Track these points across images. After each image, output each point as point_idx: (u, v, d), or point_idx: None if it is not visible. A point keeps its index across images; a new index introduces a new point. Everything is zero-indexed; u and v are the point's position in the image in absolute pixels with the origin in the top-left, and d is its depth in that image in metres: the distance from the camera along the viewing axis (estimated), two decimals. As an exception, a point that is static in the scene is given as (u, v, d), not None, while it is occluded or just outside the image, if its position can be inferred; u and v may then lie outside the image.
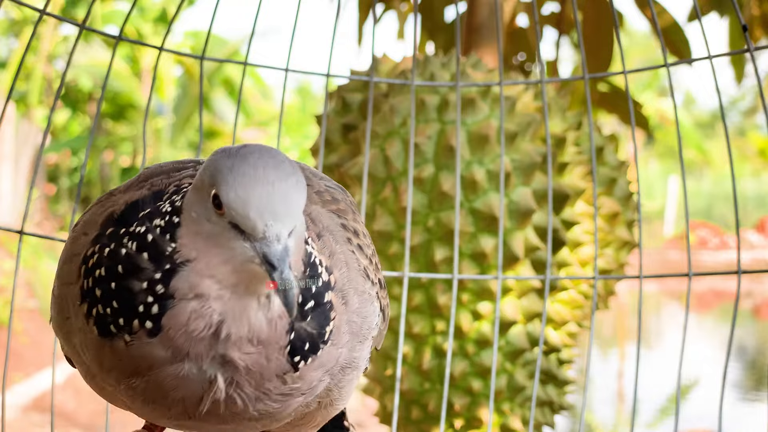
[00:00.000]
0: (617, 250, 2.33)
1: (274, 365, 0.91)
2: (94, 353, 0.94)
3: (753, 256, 13.29)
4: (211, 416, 0.94)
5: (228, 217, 0.86)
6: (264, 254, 0.84)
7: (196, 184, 0.91)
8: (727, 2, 3.21)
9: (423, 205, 2.11)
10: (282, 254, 0.84)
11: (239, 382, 0.90)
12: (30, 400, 5.26)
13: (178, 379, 0.90)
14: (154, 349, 0.88)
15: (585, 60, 1.88)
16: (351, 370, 1.02)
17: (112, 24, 13.63)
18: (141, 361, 0.90)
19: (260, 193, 0.84)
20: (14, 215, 10.92)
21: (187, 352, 0.88)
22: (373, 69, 1.90)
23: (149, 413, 0.97)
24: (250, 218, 0.84)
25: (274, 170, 0.86)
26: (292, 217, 0.86)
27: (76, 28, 1.69)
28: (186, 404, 0.92)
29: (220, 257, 0.87)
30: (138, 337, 0.89)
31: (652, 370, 5.38)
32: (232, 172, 0.86)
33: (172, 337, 0.88)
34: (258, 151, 0.88)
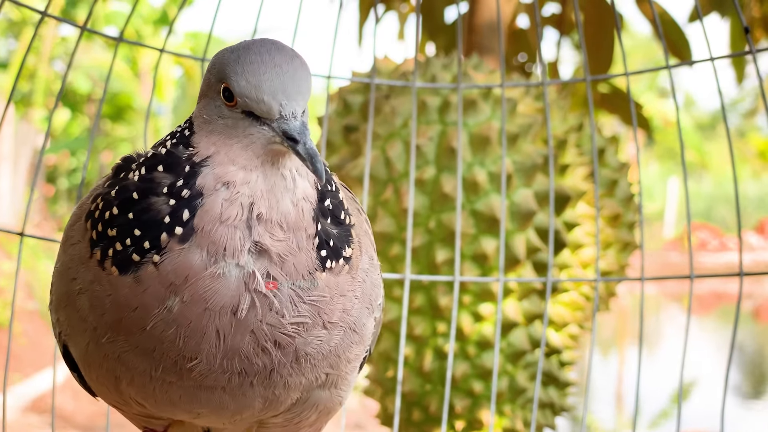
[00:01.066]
0: (618, 252, 2.33)
1: (304, 257, 0.91)
2: (113, 299, 0.92)
3: (753, 257, 13.29)
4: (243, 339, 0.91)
5: (241, 106, 0.89)
6: (284, 131, 0.88)
7: (202, 90, 0.95)
8: (728, 3, 3.21)
9: (424, 206, 2.11)
10: (301, 128, 0.88)
11: (275, 277, 0.90)
12: (29, 402, 5.25)
13: (216, 282, 0.88)
14: (189, 255, 0.88)
15: (587, 63, 1.88)
16: (357, 341, 1.02)
17: (111, 25, 13.63)
18: (176, 276, 0.88)
19: (270, 76, 0.88)
20: (13, 216, 10.91)
21: (224, 247, 0.88)
22: (374, 70, 1.90)
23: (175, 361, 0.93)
24: (265, 101, 0.88)
25: (279, 54, 0.89)
26: (303, 96, 0.90)
27: (75, 29, 1.68)
28: (222, 319, 0.89)
29: (239, 146, 0.90)
30: (169, 249, 0.88)
31: (652, 372, 5.38)
32: (239, 62, 0.89)
33: (207, 233, 0.88)
34: (259, 41, 0.91)
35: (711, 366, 6.37)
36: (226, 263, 0.88)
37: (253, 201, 0.89)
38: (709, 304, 10.12)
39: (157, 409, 1.01)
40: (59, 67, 14.76)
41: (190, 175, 0.90)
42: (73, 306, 0.97)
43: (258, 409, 1.00)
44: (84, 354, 1.00)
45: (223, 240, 0.88)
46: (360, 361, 1.06)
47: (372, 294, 1.04)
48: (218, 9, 1.79)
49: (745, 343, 7.25)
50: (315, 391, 1.02)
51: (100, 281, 0.92)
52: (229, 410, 0.99)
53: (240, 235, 0.88)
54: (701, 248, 14.60)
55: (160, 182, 0.90)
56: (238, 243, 0.88)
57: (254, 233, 0.89)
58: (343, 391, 1.07)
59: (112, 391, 1.01)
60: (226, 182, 0.89)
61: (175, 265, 0.88)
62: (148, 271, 0.89)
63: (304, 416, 1.05)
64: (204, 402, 0.97)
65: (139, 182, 0.91)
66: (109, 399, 1.05)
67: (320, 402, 1.04)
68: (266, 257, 0.89)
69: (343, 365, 1.02)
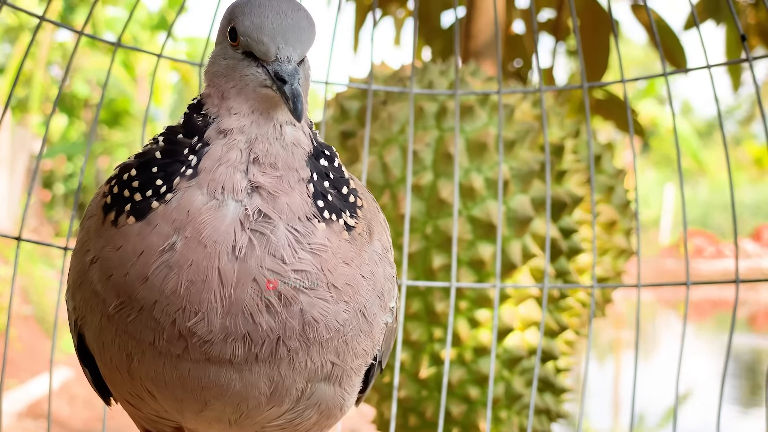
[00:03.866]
0: (615, 258, 2.34)
1: (298, 198, 0.95)
2: (121, 253, 0.94)
3: (749, 264, 13.30)
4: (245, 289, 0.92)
5: (242, 45, 0.95)
6: (275, 72, 0.93)
7: (218, 39, 1.00)
8: (724, 10, 3.22)
9: (421, 212, 2.11)
10: (292, 72, 0.93)
11: (268, 215, 0.93)
12: (24, 407, 5.24)
13: (214, 216, 0.92)
14: (192, 192, 0.93)
15: (584, 69, 1.89)
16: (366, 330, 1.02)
17: (109, 31, 13.63)
18: (179, 212, 0.92)
19: (273, 19, 0.93)
20: (9, 221, 10.89)
21: (222, 185, 0.93)
22: (371, 76, 1.90)
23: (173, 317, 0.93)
24: (264, 42, 0.93)
25: (287, 2, 0.95)
26: (302, 45, 0.95)
27: (72, 34, 1.69)
28: (222, 260, 0.92)
29: (234, 90, 0.96)
30: (177, 189, 0.93)
31: (648, 378, 5.38)
32: (249, 4, 0.95)
33: (209, 172, 0.94)
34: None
35: (707, 373, 6.37)
36: (223, 199, 0.93)
37: (250, 146, 0.95)
38: (705, 310, 10.13)
39: (167, 395, 1.00)
40: (56, 72, 14.75)
41: (202, 132, 0.97)
42: (87, 280, 1.00)
43: (264, 395, 0.99)
44: (98, 333, 1.01)
45: (222, 178, 0.93)
46: (367, 359, 1.06)
47: (384, 286, 1.05)
48: (215, 14, 1.79)
49: (740, 350, 7.26)
50: (320, 384, 1.02)
51: (112, 240, 0.96)
52: (236, 393, 0.98)
53: (239, 176, 0.94)
54: (697, 255, 14.61)
55: (181, 142, 0.97)
56: (237, 182, 0.93)
57: (250, 173, 0.94)
58: (347, 393, 1.07)
59: (125, 375, 1.01)
60: (223, 130, 0.95)
61: (180, 201, 0.93)
62: (159, 210, 0.93)
63: (306, 416, 1.05)
64: (212, 379, 0.97)
65: (163, 145, 0.97)
66: (122, 391, 1.05)
67: (323, 400, 1.04)
68: (259, 194, 0.94)
69: (350, 357, 1.02)
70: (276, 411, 1.03)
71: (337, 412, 1.08)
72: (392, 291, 1.07)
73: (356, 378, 1.07)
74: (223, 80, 0.97)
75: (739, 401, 5.55)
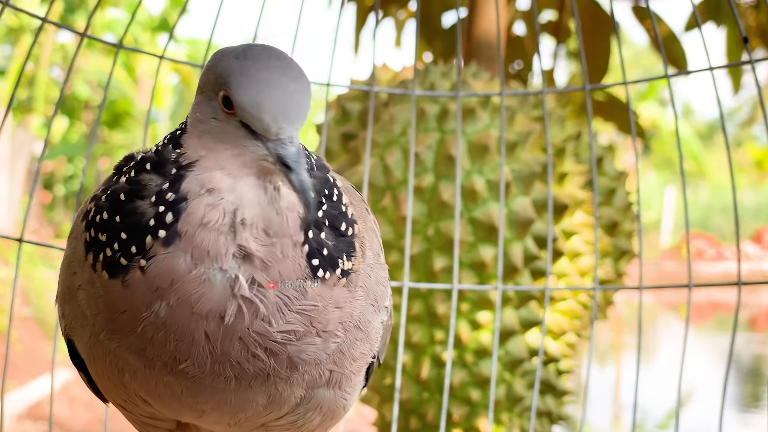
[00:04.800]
0: (616, 261, 2.33)
1: (291, 264, 0.91)
2: (104, 301, 0.92)
3: (750, 267, 13.29)
4: (232, 346, 0.90)
5: (239, 117, 0.88)
6: (279, 156, 0.87)
7: (200, 87, 0.93)
8: (724, 12, 3.22)
9: (423, 214, 2.11)
10: (297, 156, 0.87)
11: (260, 283, 0.89)
12: (24, 409, 5.23)
13: (201, 286, 0.88)
14: (174, 259, 0.88)
15: (587, 71, 1.88)
16: (361, 338, 1.01)
17: (109, 32, 13.63)
18: (161, 281, 0.88)
19: (274, 96, 0.87)
20: (10, 223, 10.89)
21: (207, 251, 0.88)
22: (373, 78, 1.90)
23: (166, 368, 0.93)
24: (264, 121, 0.87)
25: (285, 71, 0.88)
26: (302, 119, 0.89)
27: (73, 36, 1.68)
28: (210, 323, 0.89)
29: (230, 152, 0.89)
30: (154, 252, 0.88)
31: (649, 381, 5.37)
32: (244, 74, 0.88)
33: (191, 236, 0.88)
34: (265, 51, 0.90)
35: (707, 375, 6.37)
36: (210, 267, 0.88)
37: (236, 207, 0.89)
38: (706, 313, 10.12)
39: (162, 405, 1.00)
40: (57, 73, 14.75)
41: (176, 178, 0.90)
42: (75, 300, 0.98)
43: (262, 404, 0.99)
44: (88, 348, 1.00)
45: (206, 244, 0.88)
46: (366, 360, 1.05)
47: (377, 291, 1.03)
48: (218, 17, 1.79)
49: (741, 352, 7.25)
50: (319, 389, 1.01)
51: (93, 283, 0.93)
52: (232, 405, 0.98)
53: (223, 239, 0.88)
54: (698, 257, 14.60)
55: (147, 184, 0.90)
56: (222, 247, 0.88)
57: (238, 237, 0.88)
58: (348, 394, 1.06)
59: (118, 385, 1.01)
60: (210, 188, 0.89)
61: (160, 269, 0.88)
62: (136, 275, 0.89)
63: (308, 418, 1.04)
64: (207, 396, 0.97)
65: (126, 184, 0.92)
66: (115, 397, 1.05)
67: (324, 403, 1.04)
68: (250, 262, 0.89)
69: (348, 363, 1.01)
70: (276, 414, 1.02)
71: (340, 412, 1.08)
72: (385, 292, 1.07)
73: (356, 378, 1.07)
74: (213, 140, 0.90)
75: (740, 404, 5.55)
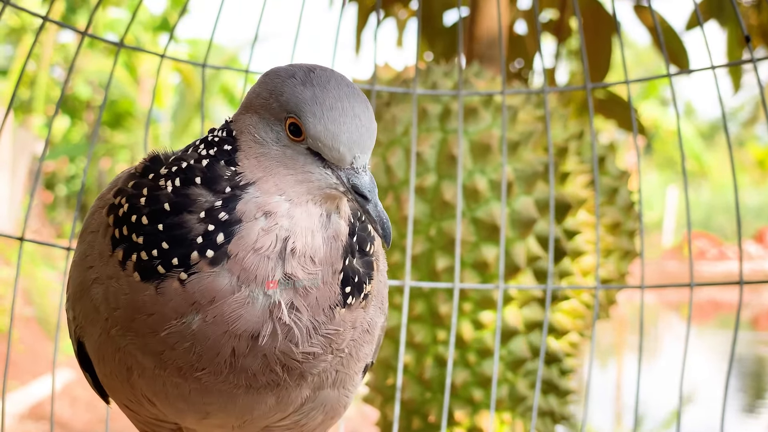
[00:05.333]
0: (618, 260, 2.33)
1: (328, 291, 0.91)
2: (129, 300, 0.91)
3: (752, 266, 13.29)
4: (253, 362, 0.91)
5: (310, 145, 0.88)
6: (354, 185, 0.88)
7: (252, 106, 0.92)
8: (727, 11, 3.22)
9: (425, 214, 2.11)
10: (371, 185, 0.88)
11: (298, 308, 0.90)
12: (26, 409, 5.23)
13: (242, 308, 0.88)
14: (218, 278, 0.87)
15: (588, 70, 1.88)
16: (368, 340, 1.03)
17: (111, 32, 13.64)
18: (201, 297, 0.88)
19: (349, 126, 0.87)
20: (12, 223, 10.89)
21: (255, 275, 0.88)
22: (375, 77, 1.90)
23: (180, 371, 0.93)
24: (340, 151, 0.87)
25: (358, 102, 0.89)
26: (372, 148, 0.90)
27: (74, 35, 1.68)
28: (241, 342, 0.89)
29: (293, 178, 0.89)
30: (198, 269, 0.87)
31: (651, 381, 5.37)
32: (316, 103, 0.87)
33: (240, 260, 0.88)
34: (332, 78, 0.89)
35: (709, 374, 6.36)
36: (254, 290, 0.88)
37: (288, 235, 0.89)
38: (707, 313, 10.11)
39: (168, 406, 1.00)
40: (58, 73, 14.76)
41: (230, 198, 0.89)
42: (88, 295, 0.97)
43: (270, 406, 1.00)
44: (97, 346, 1.00)
45: (255, 268, 0.88)
46: (368, 360, 1.07)
47: (383, 294, 1.05)
48: (219, 16, 1.78)
49: (743, 352, 7.24)
50: (325, 390, 1.03)
51: (119, 279, 0.92)
52: (240, 407, 0.99)
53: (272, 265, 0.88)
54: (700, 257, 14.58)
55: (197, 200, 0.89)
56: (270, 273, 0.88)
57: (287, 265, 0.89)
58: (350, 392, 1.08)
59: (125, 384, 1.00)
60: (267, 212, 0.88)
61: (203, 286, 0.88)
62: (173, 285, 0.88)
63: (312, 417, 1.05)
64: (215, 398, 0.97)
65: (173, 195, 0.90)
66: (121, 396, 1.05)
67: (328, 402, 1.05)
68: (293, 288, 0.89)
69: (353, 363, 1.03)
70: (281, 415, 1.03)
71: (341, 410, 1.10)
72: (386, 293, 1.08)
73: (357, 377, 1.08)
74: (273, 164, 0.89)
75: (742, 403, 5.54)
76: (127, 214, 0.92)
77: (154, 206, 0.90)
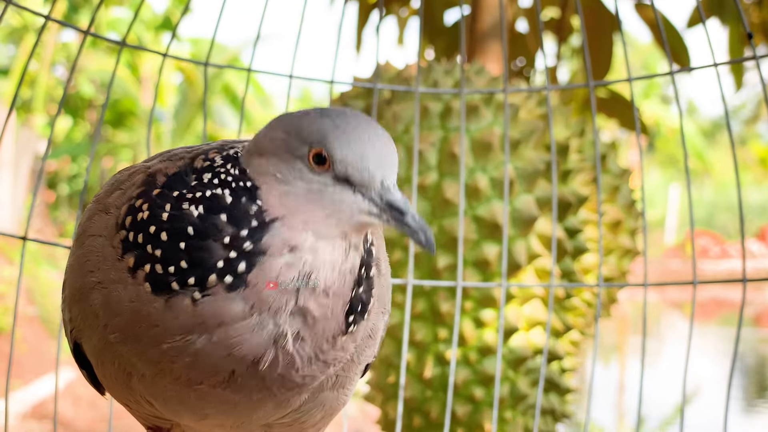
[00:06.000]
0: (620, 258, 2.33)
1: (334, 323, 0.92)
2: (134, 308, 0.90)
3: (754, 265, 13.28)
4: (252, 381, 0.91)
5: (338, 172, 0.88)
6: (389, 202, 0.88)
7: (270, 151, 0.91)
8: (728, 9, 3.21)
9: (426, 212, 2.11)
10: (405, 201, 0.88)
11: (303, 338, 0.90)
12: (28, 408, 5.23)
13: (248, 333, 0.88)
14: (231, 304, 0.87)
15: (590, 68, 1.88)
16: (370, 345, 1.03)
17: (113, 31, 13.65)
18: (210, 318, 0.88)
19: (375, 145, 0.89)
20: (14, 223, 10.90)
21: (269, 306, 0.88)
22: (377, 75, 1.90)
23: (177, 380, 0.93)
24: (369, 171, 0.88)
25: (376, 126, 0.91)
26: (396, 170, 0.91)
27: (77, 34, 1.69)
28: (240, 365, 0.90)
29: (321, 212, 0.89)
30: (213, 292, 0.87)
31: (654, 379, 5.37)
32: (341, 130, 0.89)
33: (258, 291, 0.87)
34: (346, 110, 0.91)
35: (712, 372, 6.36)
36: (264, 318, 0.88)
37: (311, 270, 0.89)
38: (710, 311, 10.11)
39: (166, 408, 1.01)
40: (60, 72, 14.77)
41: (257, 229, 0.88)
42: (87, 300, 0.96)
43: (268, 410, 1.00)
44: (96, 351, 1.00)
45: (271, 299, 0.88)
46: (368, 361, 1.07)
47: (386, 296, 1.05)
48: (221, 15, 1.79)
49: (745, 350, 7.24)
50: (324, 392, 1.03)
51: (125, 285, 0.91)
52: (239, 411, 0.99)
53: (287, 297, 0.88)
54: (703, 255, 14.58)
55: (223, 230, 0.88)
56: (284, 304, 0.88)
57: (301, 298, 0.89)
58: (349, 391, 1.08)
59: (123, 388, 1.01)
60: (293, 246, 0.88)
61: (215, 309, 0.87)
62: (184, 303, 0.88)
63: (311, 415, 1.06)
64: (214, 401, 0.97)
65: (198, 221, 0.89)
66: (119, 397, 1.05)
67: (327, 402, 1.05)
68: (302, 319, 0.90)
69: (354, 367, 1.03)
70: (279, 415, 1.04)
71: (340, 407, 1.11)
72: (389, 295, 1.08)
73: (356, 378, 1.09)
74: (301, 201, 0.89)
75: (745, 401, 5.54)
76: (146, 222, 0.91)
77: (177, 225, 0.89)
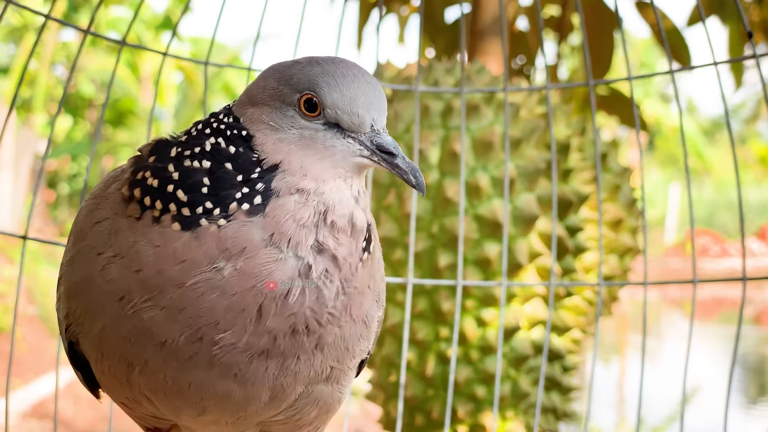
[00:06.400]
0: (621, 257, 2.33)
1: (356, 258, 0.95)
2: (158, 253, 0.91)
3: (754, 263, 13.28)
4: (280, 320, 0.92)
5: (328, 117, 0.92)
6: (379, 145, 0.91)
7: (262, 100, 0.94)
8: (728, 8, 3.21)
9: (427, 211, 2.11)
10: (395, 143, 0.91)
11: (330, 273, 0.92)
12: (29, 407, 5.24)
13: (273, 264, 0.90)
14: (253, 230, 0.90)
15: (591, 67, 1.88)
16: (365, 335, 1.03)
17: (113, 30, 13.65)
18: (233, 243, 0.90)
19: (365, 90, 0.92)
20: (14, 222, 10.91)
21: (288, 239, 0.90)
22: (377, 75, 1.90)
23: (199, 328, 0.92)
24: (359, 114, 0.92)
25: (364, 72, 0.93)
26: (386, 113, 0.94)
27: (77, 33, 1.69)
28: (268, 300, 0.90)
29: (314, 156, 0.92)
30: (235, 218, 0.90)
31: (654, 378, 5.37)
32: (330, 74, 0.92)
33: (277, 222, 0.90)
34: (334, 57, 0.94)
35: (712, 371, 6.36)
36: (286, 251, 0.90)
37: (326, 209, 0.92)
38: (710, 309, 10.11)
39: (166, 403, 1.01)
40: (60, 72, 14.77)
41: (262, 174, 0.91)
42: (94, 285, 0.97)
43: (264, 401, 1.00)
44: (98, 341, 0.99)
45: (290, 233, 0.91)
46: (363, 355, 1.07)
47: (380, 287, 1.06)
48: (221, 14, 1.79)
49: (746, 349, 7.24)
50: (319, 385, 1.03)
51: (148, 237, 0.92)
52: (235, 402, 0.99)
53: (306, 232, 0.91)
54: (703, 254, 14.58)
55: (232, 174, 0.91)
56: (303, 238, 0.91)
57: (319, 234, 0.91)
58: (344, 387, 1.08)
59: (123, 382, 1.00)
60: (299, 189, 0.91)
61: (237, 233, 0.90)
62: (210, 230, 0.90)
63: (305, 412, 1.06)
64: (212, 391, 0.97)
65: (209, 173, 0.92)
66: (118, 395, 1.05)
67: (322, 398, 1.05)
68: (326, 256, 0.92)
69: (348, 360, 1.03)
70: (273, 411, 1.04)
71: (336, 405, 1.10)
72: (384, 288, 1.09)
73: (352, 373, 1.09)
74: (295, 147, 0.92)
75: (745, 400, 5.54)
76: (162, 185, 0.93)
77: (190, 179, 0.92)
